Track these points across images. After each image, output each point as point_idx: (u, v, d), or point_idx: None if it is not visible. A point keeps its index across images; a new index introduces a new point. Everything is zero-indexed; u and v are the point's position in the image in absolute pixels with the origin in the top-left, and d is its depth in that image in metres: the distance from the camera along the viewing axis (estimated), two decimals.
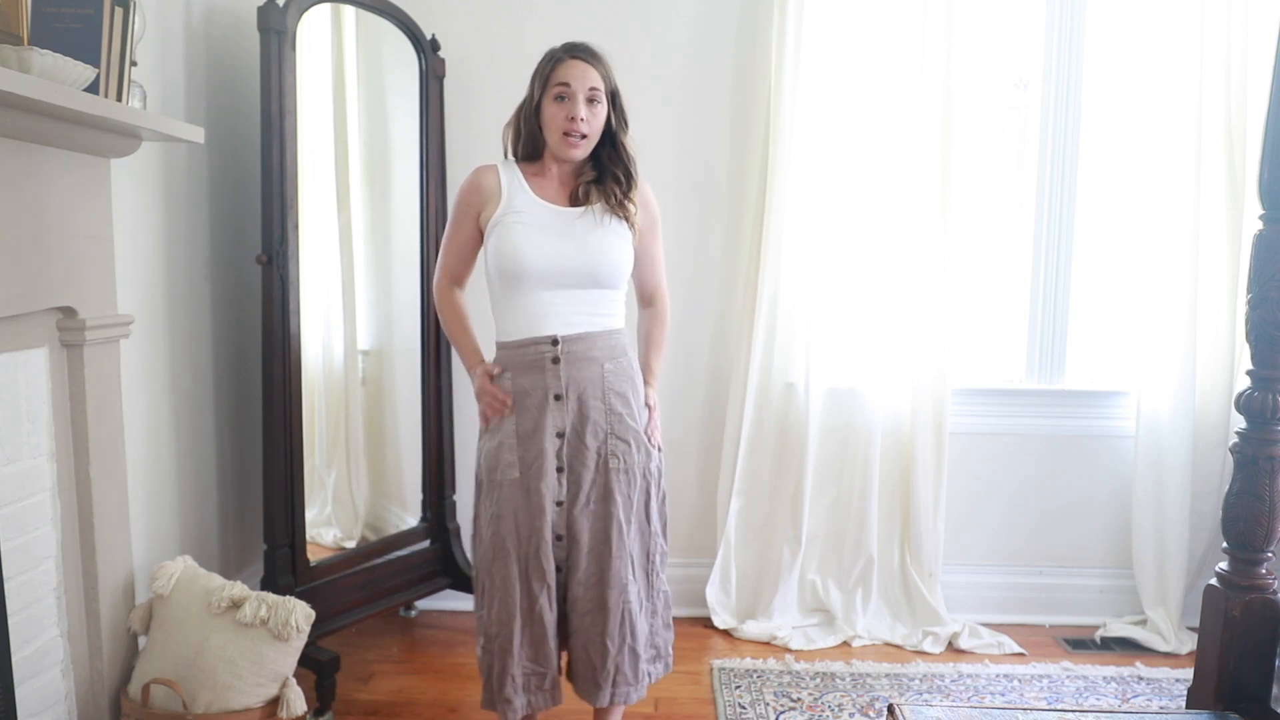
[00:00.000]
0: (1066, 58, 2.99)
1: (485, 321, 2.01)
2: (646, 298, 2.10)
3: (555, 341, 1.89)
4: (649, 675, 2.00)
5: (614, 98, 1.91)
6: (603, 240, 1.90)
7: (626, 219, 1.93)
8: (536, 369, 1.90)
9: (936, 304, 2.89)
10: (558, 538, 1.91)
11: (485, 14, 2.91)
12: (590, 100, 1.86)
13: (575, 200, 1.93)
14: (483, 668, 1.96)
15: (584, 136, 1.87)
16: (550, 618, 1.91)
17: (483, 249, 1.97)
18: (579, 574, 1.93)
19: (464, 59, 2.88)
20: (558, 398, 1.89)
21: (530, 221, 1.89)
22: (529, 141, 1.95)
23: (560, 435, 1.90)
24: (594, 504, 1.93)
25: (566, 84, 1.85)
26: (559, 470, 1.91)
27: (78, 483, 1.95)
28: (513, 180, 1.93)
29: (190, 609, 2.04)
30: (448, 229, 2.01)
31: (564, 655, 1.99)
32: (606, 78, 1.89)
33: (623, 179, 1.93)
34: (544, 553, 1.89)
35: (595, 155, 1.94)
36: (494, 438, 1.93)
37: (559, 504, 1.91)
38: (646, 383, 2.03)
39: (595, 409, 1.92)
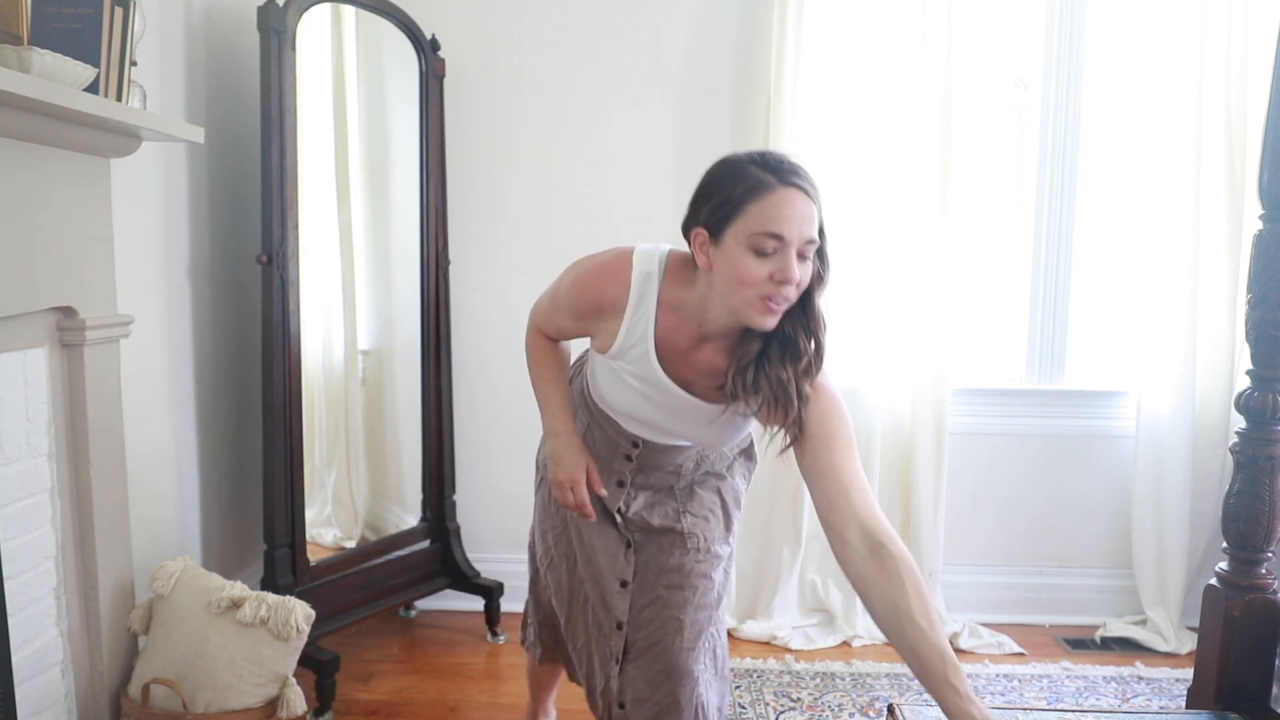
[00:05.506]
0: (1066, 58, 2.98)
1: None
2: (865, 535, 1.33)
3: (636, 444, 1.66)
4: None
5: (821, 237, 1.37)
6: (722, 431, 1.55)
7: (790, 439, 1.40)
8: (611, 447, 1.69)
9: (936, 304, 2.89)
10: (618, 625, 1.71)
11: (485, 14, 2.91)
12: (802, 255, 1.33)
13: (714, 389, 1.47)
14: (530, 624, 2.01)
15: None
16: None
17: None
18: (638, 665, 1.69)
19: (464, 59, 2.88)
20: (620, 484, 1.71)
21: (637, 388, 1.51)
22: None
23: (621, 513, 1.72)
24: (663, 590, 1.68)
25: (780, 235, 1.29)
26: (627, 546, 1.71)
27: (77, 483, 1.95)
28: (641, 315, 1.45)
29: (190, 609, 2.03)
30: (556, 298, 1.59)
31: None
32: (821, 216, 1.35)
33: (803, 368, 1.38)
34: (609, 601, 1.74)
35: None
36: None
37: (623, 584, 1.71)
38: (954, 701, 1.25)
39: (664, 496, 1.72)
